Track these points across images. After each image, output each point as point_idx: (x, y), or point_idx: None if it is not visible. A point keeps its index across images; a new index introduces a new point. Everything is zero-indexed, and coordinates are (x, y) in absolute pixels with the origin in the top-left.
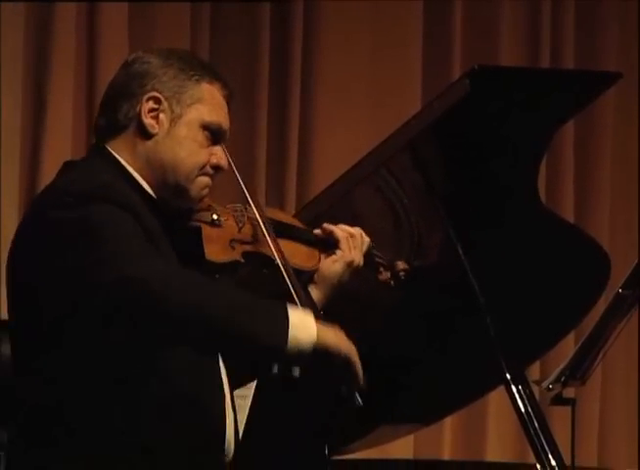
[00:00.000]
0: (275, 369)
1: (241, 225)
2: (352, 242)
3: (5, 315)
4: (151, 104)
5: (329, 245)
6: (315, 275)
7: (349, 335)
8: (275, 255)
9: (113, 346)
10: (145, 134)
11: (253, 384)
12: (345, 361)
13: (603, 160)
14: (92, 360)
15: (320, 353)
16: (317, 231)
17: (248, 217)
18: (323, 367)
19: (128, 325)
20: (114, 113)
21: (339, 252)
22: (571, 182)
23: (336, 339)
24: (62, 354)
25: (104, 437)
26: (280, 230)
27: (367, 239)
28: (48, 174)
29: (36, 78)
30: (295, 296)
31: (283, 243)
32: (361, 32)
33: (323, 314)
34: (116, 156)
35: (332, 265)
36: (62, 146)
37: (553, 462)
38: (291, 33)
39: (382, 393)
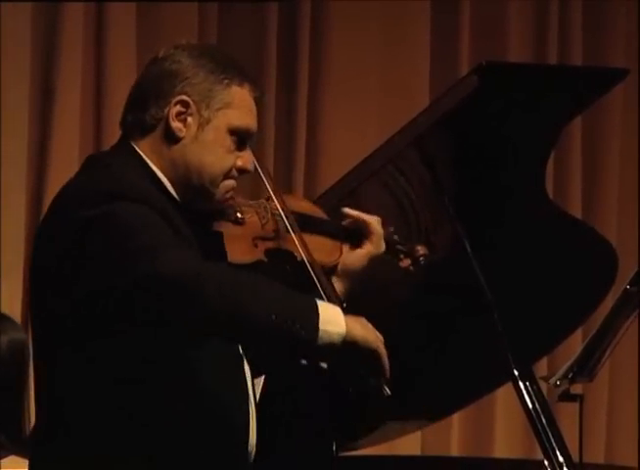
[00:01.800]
0: (304, 361)
1: (264, 222)
2: (374, 230)
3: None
4: (179, 107)
5: (352, 234)
6: (338, 267)
7: (376, 326)
8: (301, 252)
9: (129, 345)
10: (172, 137)
11: (261, 380)
12: (374, 353)
13: (611, 157)
14: (106, 359)
15: (349, 346)
16: (345, 222)
17: (271, 213)
18: (351, 359)
19: (158, 320)
20: (141, 112)
21: (364, 241)
22: (579, 179)
23: (364, 331)
24: (75, 353)
25: (109, 438)
26: (303, 223)
27: (377, 225)
28: (55, 173)
29: (44, 78)
30: (321, 291)
31: (306, 237)
32: (368, 31)
33: (345, 306)
34: (143, 156)
35: (355, 256)
36: (69, 144)
37: (561, 458)
38: (298, 32)
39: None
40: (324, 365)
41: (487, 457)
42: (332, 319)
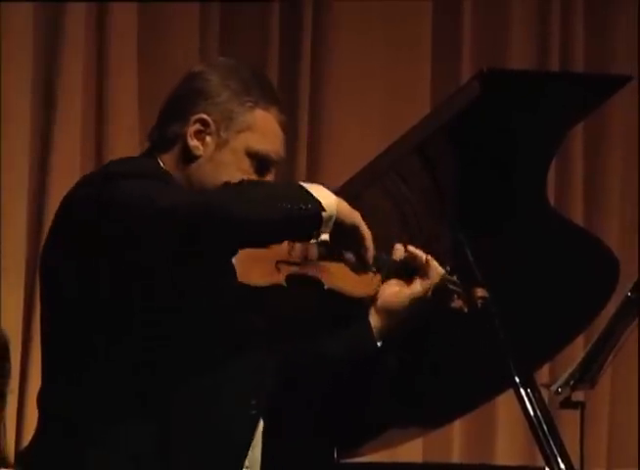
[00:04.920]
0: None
1: (291, 247)
2: (432, 275)
3: None
4: (198, 126)
5: (403, 270)
6: (378, 302)
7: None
8: (328, 280)
9: (135, 346)
10: (189, 155)
11: None
12: (359, 232)
13: (613, 162)
14: (109, 359)
15: (339, 220)
16: (399, 253)
17: None
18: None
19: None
20: (165, 127)
21: (415, 282)
22: (580, 186)
23: (349, 207)
24: (94, 353)
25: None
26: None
27: (439, 269)
28: (57, 176)
29: (45, 79)
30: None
31: (336, 266)
32: (370, 32)
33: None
34: (163, 167)
35: (400, 295)
36: (70, 145)
37: (562, 466)
38: (300, 34)
39: (392, 395)
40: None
41: (489, 464)
42: (321, 193)
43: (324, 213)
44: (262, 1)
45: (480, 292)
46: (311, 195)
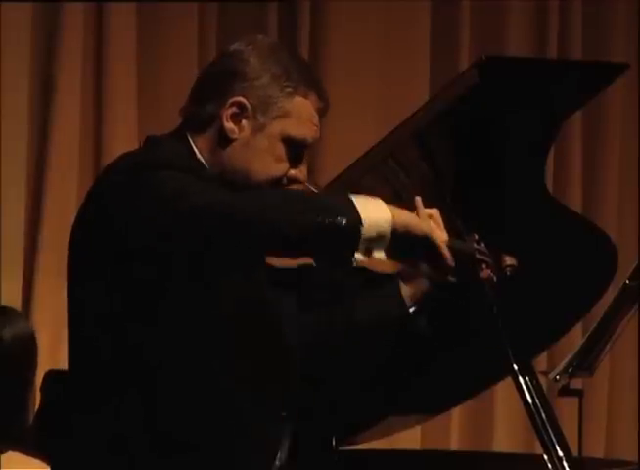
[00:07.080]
0: (357, 255)
1: None
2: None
3: None
4: (234, 108)
5: None
6: (402, 272)
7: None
8: None
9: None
10: (224, 138)
11: None
12: (428, 239)
13: (611, 149)
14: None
15: (401, 234)
16: None
17: None
18: (408, 248)
19: (217, 254)
20: (199, 107)
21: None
22: (579, 172)
23: (413, 218)
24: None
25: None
26: None
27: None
28: (54, 174)
29: (44, 78)
30: None
31: None
32: (368, 30)
33: (420, 312)
34: (195, 149)
35: None
36: (69, 144)
37: (560, 453)
38: (298, 32)
39: (391, 382)
40: (380, 256)
41: (487, 452)
42: (373, 207)
43: (364, 230)
44: (260, 1)
45: (509, 260)
46: (353, 210)
